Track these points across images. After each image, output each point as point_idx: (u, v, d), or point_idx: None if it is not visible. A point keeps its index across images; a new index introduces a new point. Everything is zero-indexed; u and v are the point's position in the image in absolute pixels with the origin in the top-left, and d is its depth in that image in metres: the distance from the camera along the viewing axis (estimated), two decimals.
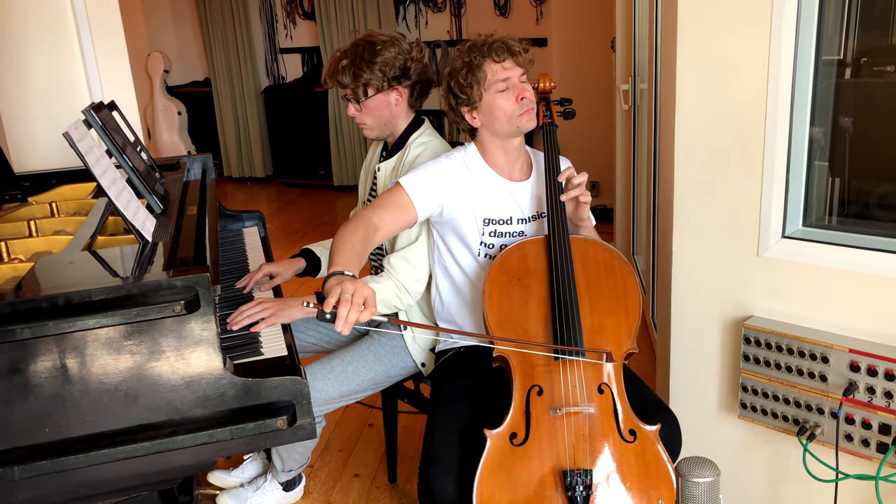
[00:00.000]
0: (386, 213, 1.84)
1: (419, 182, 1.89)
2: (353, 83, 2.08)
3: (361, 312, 1.43)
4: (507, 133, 1.92)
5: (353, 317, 1.42)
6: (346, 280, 1.49)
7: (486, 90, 1.88)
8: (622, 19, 3.82)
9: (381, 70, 2.05)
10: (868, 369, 1.68)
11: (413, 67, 2.10)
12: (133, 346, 1.36)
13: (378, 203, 1.87)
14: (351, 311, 1.42)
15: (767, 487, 2.00)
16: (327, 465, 2.68)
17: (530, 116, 1.90)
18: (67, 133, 1.61)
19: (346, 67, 2.08)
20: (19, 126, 3.00)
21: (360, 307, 1.44)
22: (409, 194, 1.87)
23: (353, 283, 1.48)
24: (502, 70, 1.87)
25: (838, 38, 1.85)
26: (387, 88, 2.08)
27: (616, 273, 1.84)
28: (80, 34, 2.96)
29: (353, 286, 1.46)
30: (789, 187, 1.83)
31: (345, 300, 1.43)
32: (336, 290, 1.45)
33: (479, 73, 1.87)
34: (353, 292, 1.45)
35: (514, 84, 1.88)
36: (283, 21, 7.19)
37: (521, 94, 1.87)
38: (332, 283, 1.50)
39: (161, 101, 7.19)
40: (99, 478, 1.38)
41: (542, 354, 1.73)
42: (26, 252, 1.85)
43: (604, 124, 4.75)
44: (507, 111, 1.88)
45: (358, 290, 1.46)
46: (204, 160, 2.66)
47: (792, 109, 1.78)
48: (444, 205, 1.92)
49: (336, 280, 1.51)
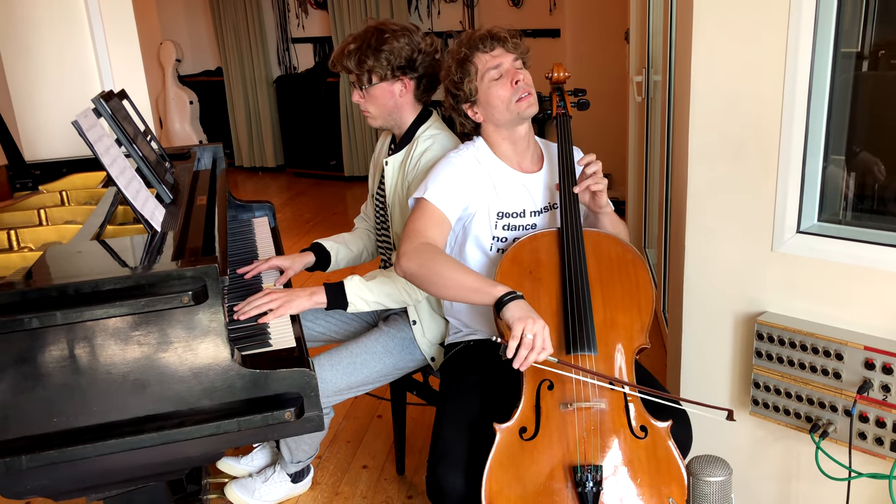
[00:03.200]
0: (431, 231, 1.81)
1: (443, 192, 1.85)
2: (358, 69, 2.06)
3: (539, 354, 1.54)
4: (509, 121, 1.90)
5: (531, 359, 1.53)
6: (528, 321, 1.54)
7: (480, 81, 1.86)
8: (636, 10, 3.78)
9: (386, 59, 2.03)
10: (883, 367, 1.66)
11: (420, 60, 2.07)
12: (141, 337, 1.35)
13: (420, 226, 1.82)
14: (531, 353, 1.53)
15: (779, 485, 1.98)
16: (335, 457, 2.68)
17: (529, 102, 1.86)
18: (76, 122, 1.60)
19: (351, 52, 2.06)
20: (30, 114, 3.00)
21: (540, 350, 1.53)
22: (440, 207, 1.83)
23: (534, 322, 1.54)
24: (492, 59, 1.85)
25: (857, 30, 1.82)
26: (391, 78, 2.06)
27: (629, 267, 1.82)
28: (91, 22, 2.96)
29: (533, 328, 1.53)
30: (805, 182, 1.81)
31: (526, 343, 1.53)
32: (518, 330, 1.53)
33: (469, 66, 1.86)
34: (535, 334, 1.53)
35: (507, 70, 1.86)
36: (296, 10, 7.17)
37: (515, 78, 1.85)
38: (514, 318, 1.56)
39: (173, 91, 7.20)
40: (106, 468, 1.38)
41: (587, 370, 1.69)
42: (36, 241, 1.85)
43: (617, 116, 4.72)
44: (503, 98, 1.85)
45: (538, 332, 1.54)
46: (214, 150, 2.65)
47: (809, 102, 1.75)
48: (468, 203, 1.90)
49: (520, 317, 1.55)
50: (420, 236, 1.79)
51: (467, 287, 1.67)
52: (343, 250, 2.33)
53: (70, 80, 3.01)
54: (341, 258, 2.33)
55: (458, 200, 1.87)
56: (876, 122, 1.93)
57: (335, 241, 2.34)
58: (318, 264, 2.28)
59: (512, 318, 1.55)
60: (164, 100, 7.22)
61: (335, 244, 2.32)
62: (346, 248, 2.34)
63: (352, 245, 2.35)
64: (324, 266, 2.30)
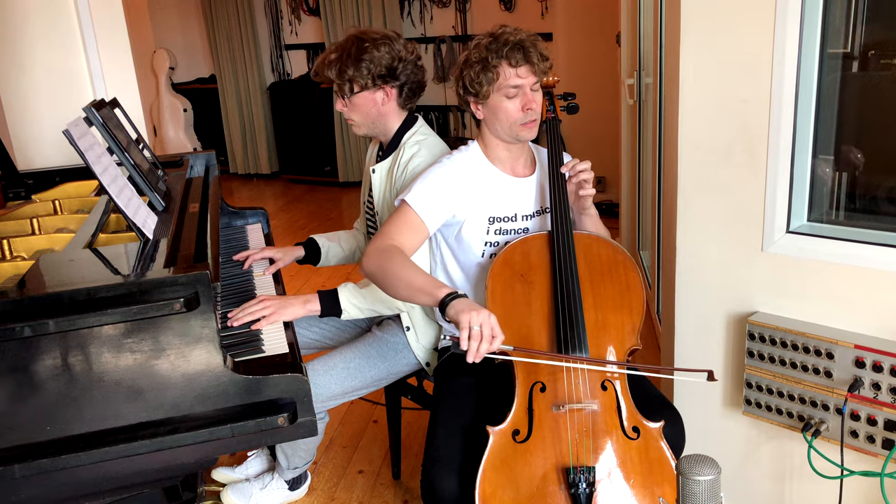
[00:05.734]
0: (403, 235, 1.84)
1: (426, 200, 1.86)
2: (338, 79, 2.07)
3: (491, 344, 1.53)
4: (504, 137, 1.91)
5: (483, 349, 1.52)
6: (473, 313, 1.54)
7: (496, 91, 1.85)
8: (627, 13, 3.80)
9: (366, 68, 2.04)
10: (873, 365, 1.66)
11: (401, 68, 2.07)
12: (133, 344, 1.36)
13: (393, 229, 1.85)
14: (482, 343, 1.52)
15: (772, 484, 1.99)
16: (331, 462, 2.68)
17: (531, 129, 1.89)
18: (67, 131, 1.61)
19: (332, 62, 2.07)
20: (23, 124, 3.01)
21: (490, 339, 1.53)
22: (419, 213, 1.85)
23: (479, 313, 1.54)
24: (516, 76, 1.83)
25: (845, 30, 1.83)
26: (372, 87, 2.07)
27: (619, 269, 1.83)
28: (83, 32, 2.97)
29: (479, 319, 1.53)
30: (794, 182, 1.82)
31: (475, 335, 1.52)
32: (465, 324, 1.53)
33: (491, 73, 1.83)
34: (481, 324, 1.53)
35: (525, 93, 1.85)
36: (289, 17, 7.19)
37: (529, 105, 1.85)
38: (460, 313, 1.55)
39: (167, 98, 7.20)
40: (100, 475, 1.38)
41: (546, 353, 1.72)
42: (29, 250, 1.85)
43: (609, 119, 4.73)
44: (510, 116, 1.86)
45: (485, 322, 1.53)
46: (207, 157, 2.66)
47: (796, 103, 1.77)
48: (455, 212, 1.91)
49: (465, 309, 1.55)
50: (388, 238, 1.82)
51: (415, 287, 1.69)
52: (335, 248, 2.37)
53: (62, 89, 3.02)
54: (332, 256, 2.37)
55: (442, 209, 1.88)
56: (864, 122, 1.94)
57: (329, 238, 2.38)
58: (308, 258, 2.32)
59: (456, 313, 1.56)
60: (157, 108, 7.22)
61: (328, 242, 2.37)
62: (339, 246, 2.38)
63: (344, 244, 2.39)
64: (314, 261, 2.33)
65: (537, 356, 1.69)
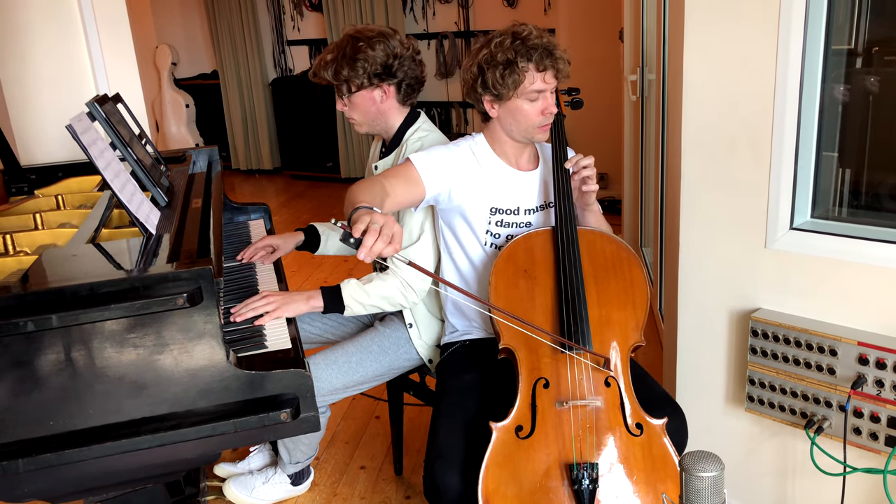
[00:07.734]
0: (397, 182, 1.81)
1: (429, 161, 1.88)
2: (335, 79, 2.08)
3: (386, 246, 1.42)
4: (518, 137, 1.93)
5: (378, 247, 1.41)
6: (376, 213, 1.47)
7: (517, 94, 1.85)
8: (630, 9, 3.79)
9: (362, 68, 2.03)
10: (877, 362, 1.66)
11: (397, 65, 2.07)
12: (136, 339, 1.36)
13: (389, 173, 1.86)
14: (378, 241, 1.41)
15: (774, 481, 1.99)
16: (333, 457, 2.68)
17: (545, 132, 1.91)
18: (70, 125, 1.61)
19: (328, 63, 2.07)
20: (26, 119, 3.00)
21: (388, 240, 1.42)
22: (419, 170, 1.85)
23: (384, 216, 1.45)
24: (541, 82, 1.84)
25: (849, 26, 1.82)
26: (369, 86, 2.07)
27: (623, 265, 1.83)
28: (85, 26, 2.96)
29: (382, 219, 1.44)
30: (797, 178, 1.81)
31: (373, 230, 1.41)
32: (365, 219, 1.43)
33: (518, 76, 1.82)
34: (383, 224, 1.43)
35: (546, 97, 1.86)
36: (291, 13, 7.18)
37: (549, 109, 1.86)
38: (362, 212, 1.47)
39: (169, 94, 7.20)
40: (103, 470, 1.38)
41: (549, 345, 1.72)
42: (32, 245, 1.85)
43: (612, 115, 4.73)
44: (529, 119, 1.87)
45: (387, 222, 1.44)
46: (209, 152, 2.66)
47: (801, 99, 1.76)
48: (451, 188, 1.91)
49: (366, 211, 1.48)
50: (381, 178, 1.81)
51: (347, 202, 1.63)
52: (334, 237, 2.36)
53: (65, 84, 3.01)
54: (331, 244, 2.37)
55: (440, 176, 1.88)
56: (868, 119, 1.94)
57: (330, 227, 2.37)
58: (307, 245, 2.32)
59: (359, 215, 1.47)
60: (160, 103, 7.22)
61: (328, 230, 2.36)
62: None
63: None
64: (313, 248, 2.33)
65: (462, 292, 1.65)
